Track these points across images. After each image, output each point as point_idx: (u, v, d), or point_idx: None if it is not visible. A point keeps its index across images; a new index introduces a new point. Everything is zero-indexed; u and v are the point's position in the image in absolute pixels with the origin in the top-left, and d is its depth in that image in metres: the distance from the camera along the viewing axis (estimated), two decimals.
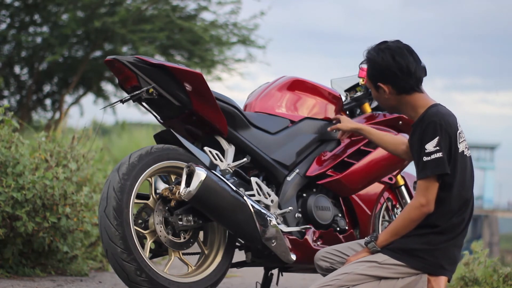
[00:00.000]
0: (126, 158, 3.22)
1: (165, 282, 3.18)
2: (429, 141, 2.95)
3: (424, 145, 2.95)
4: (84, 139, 5.41)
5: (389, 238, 3.00)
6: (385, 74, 3.06)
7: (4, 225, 4.07)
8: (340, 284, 2.96)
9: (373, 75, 3.09)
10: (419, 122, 3.02)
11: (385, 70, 3.05)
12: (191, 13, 11.99)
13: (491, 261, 4.67)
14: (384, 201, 4.08)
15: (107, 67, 3.41)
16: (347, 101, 4.20)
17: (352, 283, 2.97)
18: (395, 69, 3.03)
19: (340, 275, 2.99)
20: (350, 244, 3.20)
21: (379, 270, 2.98)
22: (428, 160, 2.94)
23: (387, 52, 3.05)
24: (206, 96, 3.38)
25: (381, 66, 3.06)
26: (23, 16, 11.74)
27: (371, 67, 3.09)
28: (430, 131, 2.95)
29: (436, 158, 2.93)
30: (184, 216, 3.30)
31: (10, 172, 4.10)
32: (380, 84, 3.07)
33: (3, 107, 4.28)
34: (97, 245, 4.96)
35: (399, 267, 2.98)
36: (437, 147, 2.93)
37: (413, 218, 2.97)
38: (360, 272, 2.98)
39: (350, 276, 2.97)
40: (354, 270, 2.98)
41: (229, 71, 12.74)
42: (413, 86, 3.06)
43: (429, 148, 2.94)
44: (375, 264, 2.98)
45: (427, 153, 2.94)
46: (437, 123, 2.95)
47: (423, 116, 3.01)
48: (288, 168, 3.68)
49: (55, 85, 13.06)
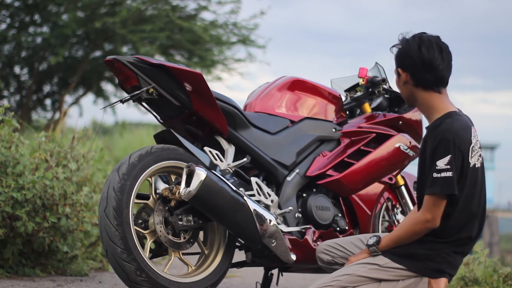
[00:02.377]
0: (126, 158, 3.22)
1: (165, 282, 3.17)
2: (441, 158, 2.88)
3: (435, 161, 2.89)
4: (84, 139, 5.41)
5: (391, 245, 2.99)
6: (406, 61, 3.00)
7: (4, 225, 4.07)
8: (340, 285, 2.96)
9: (395, 59, 3.05)
10: (432, 132, 2.95)
11: (406, 57, 3.00)
12: (191, 13, 11.99)
13: (491, 261, 4.67)
14: (384, 201, 4.08)
15: (107, 67, 3.41)
16: (347, 101, 4.20)
17: (352, 285, 2.96)
18: (417, 58, 2.97)
19: (341, 276, 2.98)
20: (352, 239, 3.18)
21: (380, 272, 2.97)
22: (438, 177, 2.88)
23: (416, 41, 2.98)
24: (206, 96, 3.38)
25: (405, 52, 3.00)
26: (23, 16, 11.74)
27: (397, 51, 3.05)
28: (442, 148, 2.88)
29: (446, 177, 2.87)
30: (184, 216, 3.30)
31: (10, 172, 4.10)
32: (399, 69, 3.03)
33: (3, 107, 4.28)
34: (97, 245, 4.96)
35: (400, 270, 2.97)
36: (448, 165, 2.87)
37: (417, 232, 2.94)
38: (361, 274, 2.97)
39: (351, 277, 2.97)
40: (355, 272, 2.98)
41: (229, 71, 12.75)
42: (431, 82, 2.98)
43: (440, 165, 2.88)
44: (376, 266, 2.97)
45: (438, 170, 2.88)
46: (450, 141, 2.88)
47: (437, 127, 2.94)
48: (288, 168, 3.68)
49: (55, 85, 13.06)
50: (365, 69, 4.13)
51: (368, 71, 4.14)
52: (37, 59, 12.11)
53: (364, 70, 4.12)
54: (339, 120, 3.96)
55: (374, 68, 4.23)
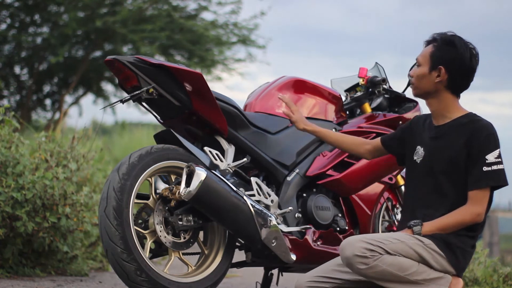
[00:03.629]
0: (126, 158, 3.22)
1: (165, 282, 3.17)
2: (491, 151, 2.98)
3: (484, 155, 2.97)
4: (84, 139, 5.41)
5: (434, 231, 3.00)
6: (455, 64, 3.05)
7: (4, 225, 4.07)
8: (391, 248, 2.91)
9: (442, 56, 3.06)
10: (463, 127, 3.03)
11: (458, 61, 3.05)
12: (191, 13, 11.99)
13: (491, 261, 4.68)
14: (384, 201, 4.08)
15: (107, 67, 3.41)
16: (347, 101, 4.20)
17: (399, 252, 2.92)
18: (467, 67, 3.05)
19: (394, 239, 2.94)
20: (332, 266, 3.13)
21: (425, 251, 2.96)
22: (489, 170, 2.97)
23: (471, 49, 3.06)
24: (206, 96, 3.38)
25: (458, 55, 3.04)
26: (23, 16, 11.73)
27: (447, 49, 3.06)
28: (492, 142, 2.99)
29: (498, 170, 2.97)
30: (184, 216, 3.30)
31: (10, 172, 4.10)
32: (442, 67, 3.05)
33: (4, 107, 4.28)
34: (97, 245, 4.96)
35: (439, 256, 2.98)
36: (499, 158, 2.98)
37: (465, 223, 2.99)
38: (411, 245, 2.95)
39: (402, 245, 2.94)
40: (406, 241, 2.95)
41: (229, 71, 12.74)
42: (462, 89, 3.11)
43: (491, 159, 2.97)
44: (422, 244, 2.97)
45: (488, 164, 2.97)
46: (497, 136, 3.01)
47: (469, 122, 3.03)
48: (288, 168, 3.68)
49: (55, 85, 13.05)
50: (365, 69, 4.13)
51: (368, 71, 4.14)
52: (37, 59, 12.10)
53: (364, 70, 4.12)
54: (339, 120, 3.96)
55: (374, 68, 4.23)
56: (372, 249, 2.89)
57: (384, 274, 2.91)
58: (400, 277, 2.92)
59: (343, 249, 2.94)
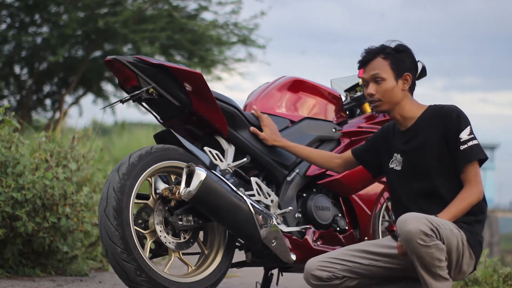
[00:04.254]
0: (126, 158, 3.22)
1: (165, 282, 3.17)
2: (462, 130, 3.02)
3: (458, 135, 3.02)
4: (84, 139, 5.41)
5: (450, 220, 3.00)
6: (415, 68, 3.15)
7: (4, 225, 4.07)
8: (442, 233, 2.89)
9: (404, 64, 3.12)
10: (431, 120, 3.08)
11: (415, 64, 3.15)
12: (192, 13, 11.99)
13: (491, 261, 4.68)
14: (384, 201, 4.08)
15: (107, 67, 3.41)
16: (347, 101, 4.20)
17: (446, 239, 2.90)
18: (415, 64, 3.16)
19: (446, 225, 2.92)
20: (342, 251, 3.18)
21: (462, 245, 2.97)
22: (466, 147, 3.01)
23: (408, 48, 3.16)
24: (206, 96, 3.38)
25: (413, 59, 3.15)
26: (23, 16, 11.73)
27: (407, 57, 3.13)
28: (461, 122, 3.03)
29: (474, 145, 3.02)
30: (184, 216, 3.30)
31: (10, 172, 4.10)
32: (408, 74, 3.12)
33: (4, 107, 4.28)
34: (97, 245, 4.96)
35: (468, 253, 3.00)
36: (472, 135, 3.03)
37: (473, 203, 3.01)
38: (456, 234, 2.94)
39: (449, 233, 2.91)
40: (454, 230, 2.93)
41: (229, 71, 12.74)
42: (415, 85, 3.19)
43: (464, 137, 3.02)
44: (461, 235, 2.96)
45: (463, 141, 3.01)
46: (464, 114, 3.05)
47: (434, 113, 3.08)
48: (288, 168, 3.68)
49: (55, 85, 13.05)
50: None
51: None
52: (37, 59, 12.10)
53: None
54: (339, 120, 3.96)
55: None
56: (433, 230, 2.87)
57: (428, 258, 2.87)
58: (434, 267, 2.89)
59: (407, 222, 2.87)
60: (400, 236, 2.91)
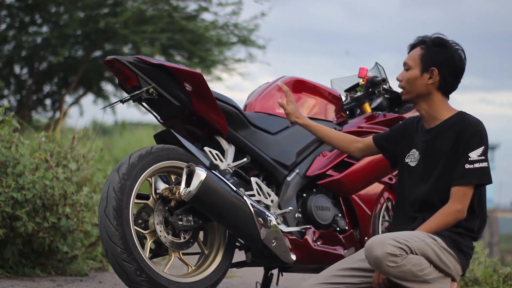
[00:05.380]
0: (126, 158, 3.22)
1: (165, 282, 3.17)
2: (474, 149, 2.96)
3: (467, 153, 2.96)
4: (84, 139, 5.41)
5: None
6: (447, 66, 3.05)
7: (4, 225, 4.07)
8: (414, 246, 2.87)
9: (433, 57, 3.05)
10: (453, 127, 3.02)
11: (450, 62, 3.05)
12: (192, 13, 11.99)
13: (491, 261, 4.68)
14: (384, 201, 4.08)
15: (107, 67, 3.41)
16: (347, 101, 4.20)
17: (421, 251, 2.88)
18: (457, 68, 3.06)
19: (415, 237, 2.90)
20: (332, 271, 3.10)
21: (439, 250, 2.94)
22: (471, 168, 2.95)
23: (459, 50, 3.06)
24: (206, 96, 3.38)
25: (449, 56, 3.05)
26: (23, 16, 11.73)
27: (437, 51, 3.06)
28: (476, 140, 2.97)
29: (481, 168, 2.96)
30: (184, 216, 3.30)
31: (10, 172, 4.10)
32: (434, 69, 3.05)
33: (4, 107, 4.28)
34: (97, 245, 4.96)
35: (449, 255, 2.96)
36: (482, 156, 2.96)
37: (449, 223, 2.98)
38: (429, 243, 2.92)
39: (422, 243, 2.90)
40: (426, 240, 2.91)
41: (229, 71, 12.73)
42: (452, 90, 3.10)
43: (473, 157, 2.96)
44: (436, 242, 2.94)
45: (471, 161, 2.95)
46: (483, 134, 2.99)
47: (459, 121, 3.03)
48: (288, 168, 3.68)
49: (55, 85, 13.05)
50: (365, 69, 4.13)
51: (368, 71, 4.14)
52: (37, 59, 12.10)
53: (364, 70, 4.12)
54: (339, 120, 3.96)
55: (374, 68, 4.23)
56: (401, 247, 2.86)
57: (407, 274, 2.87)
58: (419, 277, 2.88)
59: (372, 248, 2.87)
60: (370, 264, 2.91)
